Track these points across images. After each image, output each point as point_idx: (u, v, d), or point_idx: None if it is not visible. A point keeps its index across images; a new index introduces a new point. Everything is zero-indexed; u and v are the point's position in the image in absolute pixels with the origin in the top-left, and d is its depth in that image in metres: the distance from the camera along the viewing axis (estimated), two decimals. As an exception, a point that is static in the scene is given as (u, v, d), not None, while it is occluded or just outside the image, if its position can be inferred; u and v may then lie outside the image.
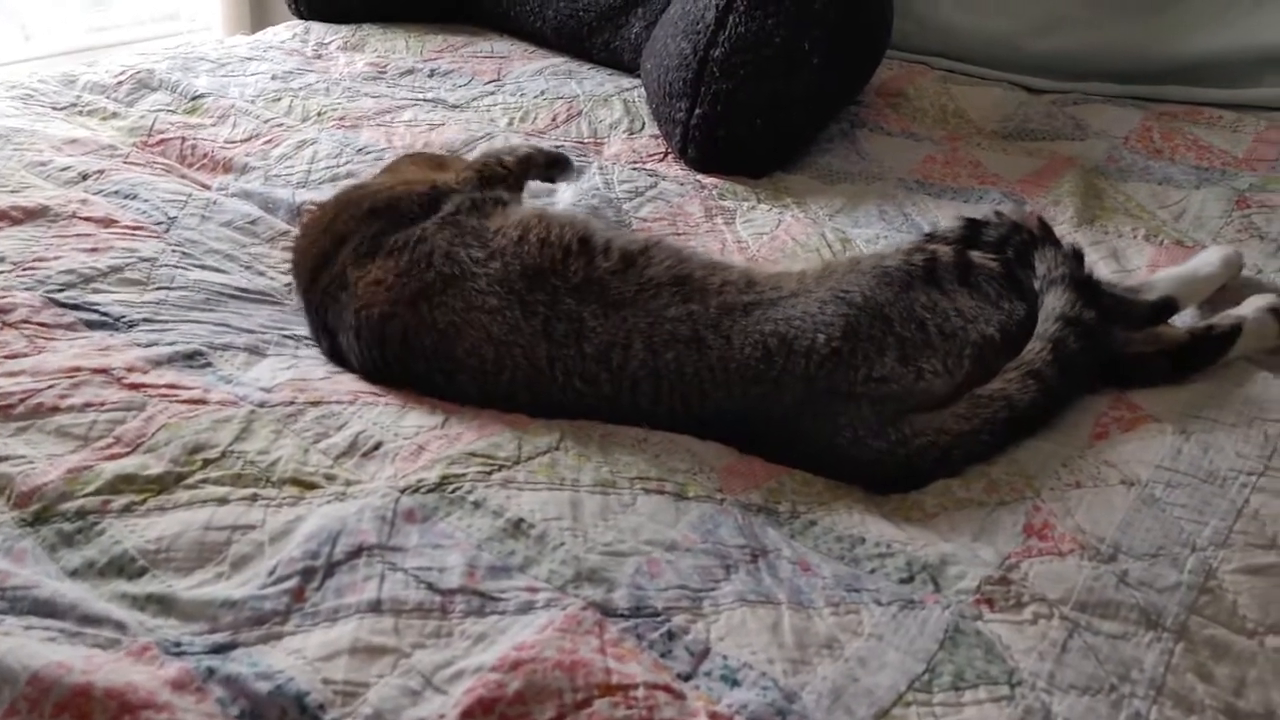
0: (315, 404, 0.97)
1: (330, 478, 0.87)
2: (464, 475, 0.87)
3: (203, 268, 1.25)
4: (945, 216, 1.39)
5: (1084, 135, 1.66)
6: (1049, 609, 0.77)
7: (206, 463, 0.88)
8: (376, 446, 0.92)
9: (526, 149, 1.40)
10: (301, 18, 2.29)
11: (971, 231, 1.12)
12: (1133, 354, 1.04)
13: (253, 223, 1.37)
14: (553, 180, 1.45)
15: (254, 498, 0.84)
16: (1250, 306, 1.09)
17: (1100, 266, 1.25)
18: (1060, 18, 1.89)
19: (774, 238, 1.37)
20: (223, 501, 0.84)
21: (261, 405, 0.97)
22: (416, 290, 1.04)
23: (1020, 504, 0.89)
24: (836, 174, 1.56)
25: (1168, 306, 1.09)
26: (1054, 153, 1.58)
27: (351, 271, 1.08)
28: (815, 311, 0.98)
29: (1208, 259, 1.17)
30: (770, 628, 0.75)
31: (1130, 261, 1.26)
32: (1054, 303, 1.00)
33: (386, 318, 1.03)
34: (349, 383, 1.04)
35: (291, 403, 0.97)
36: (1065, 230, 1.34)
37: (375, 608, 0.73)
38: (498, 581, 0.76)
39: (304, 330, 1.17)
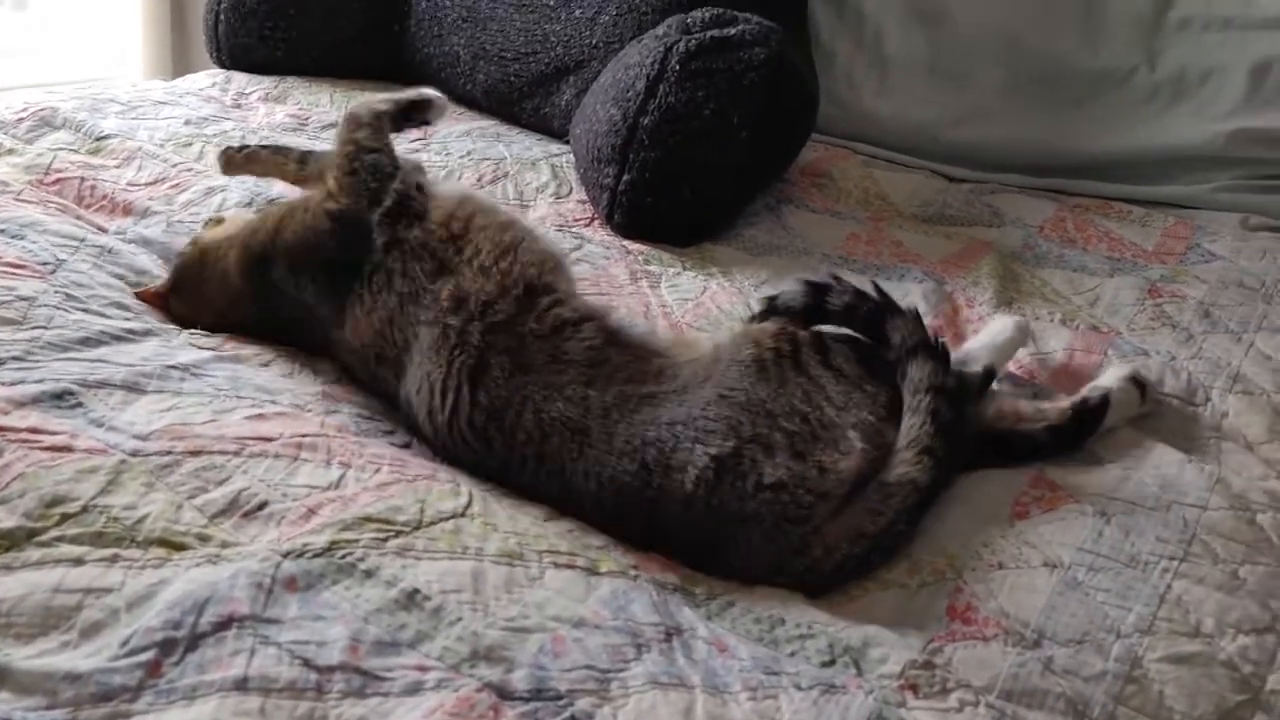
0: (195, 454, 0.89)
1: (204, 538, 0.79)
2: (357, 541, 0.79)
3: (86, 311, 1.16)
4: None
5: (1001, 223, 1.69)
6: (974, 696, 0.73)
7: (65, 518, 0.79)
8: (261, 506, 0.84)
9: (367, 118, 1.25)
10: (223, 67, 2.23)
11: (815, 298, 1.07)
12: (1023, 432, 1.04)
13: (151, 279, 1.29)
14: (428, 123, 1.38)
15: (114, 558, 0.76)
16: (1112, 378, 1.10)
17: (1020, 351, 1.25)
18: (976, 112, 1.94)
19: (699, 304, 1.34)
20: (78, 562, 0.75)
21: (134, 454, 0.88)
22: (385, 318, 1.08)
23: (942, 585, 0.86)
24: (762, 246, 1.55)
25: (990, 374, 1.10)
26: (972, 237, 1.61)
27: (336, 333, 1.13)
28: (698, 415, 0.93)
29: (1003, 327, 1.19)
30: (682, 713, 0.69)
31: (1048, 343, 1.26)
32: (918, 373, 0.98)
33: (365, 344, 1.10)
34: (236, 427, 0.96)
35: (168, 452, 0.89)
36: (985, 310, 1.34)
37: (241, 686, 0.65)
38: (384, 658, 0.69)
39: (188, 358, 1.08)
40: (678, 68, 1.50)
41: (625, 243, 1.52)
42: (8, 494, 0.80)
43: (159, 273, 1.31)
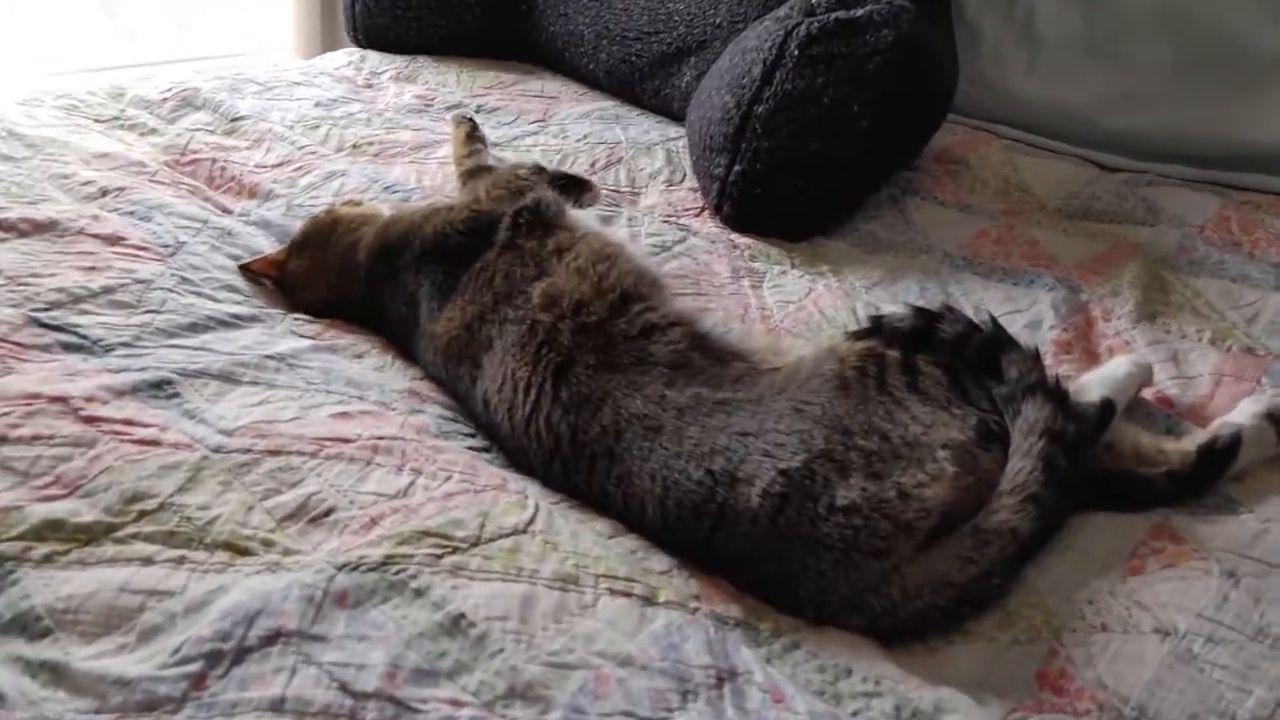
0: (273, 453, 0.91)
1: (268, 544, 0.80)
2: (412, 556, 0.79)
3: (199, 294, 1.20)
4: (991, 300, 1.28)
5: (1155, 220, 1.53)
6: (1054, 783, 0.66)
7: (142, 515, 0.82)
8: (328, 512, 0.84)
9: (531, 162, 1.39)
10: (360, 46, 2.28)
11: (924, 324, 1.00)
12: (1141, 476, 0.93)
13: (264, 258, 1.32)
14: (579, 204, 1.37)
15: (181, 560, 0.78)
16: (1245, 414, 0.97)
17: (1159, 371, 1.13)
18: (1139, 94, 1.77)
19: (801, 307, 1.28)
20: (147, 561, 0.77)
21: (217, 450, 0.90)
22: (476, 313, 1.08)
23: (1035, 645, 0.78)
24: (879, 243, 1.46)
25: (1109, 407, 0.97)
26: (1119, 237, 1.46)
27: (429, 327, 1.13)
28: (770, 427, 0.88)
29: (1119, 361, 1.08)
30: (722, 773, 0.65)
31: (1192, 367, 1.13)
32: (1035, 414, 0.89)
33: (451, 338, 1.09)
34: (318, 425, 0.97)
35: (248, 450, 0.91)
36: (1123, 325, 1.22)
37: (277, 707, 0.66)
38: (420, 688, 0.68)
39: (286, 347, 1.11)
40: (797, 53, 1.42)
41: (733, 236, 1.46)
42: (94, 486, 0.84)
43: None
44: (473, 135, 1.56)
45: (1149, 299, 1.27)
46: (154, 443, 0.90)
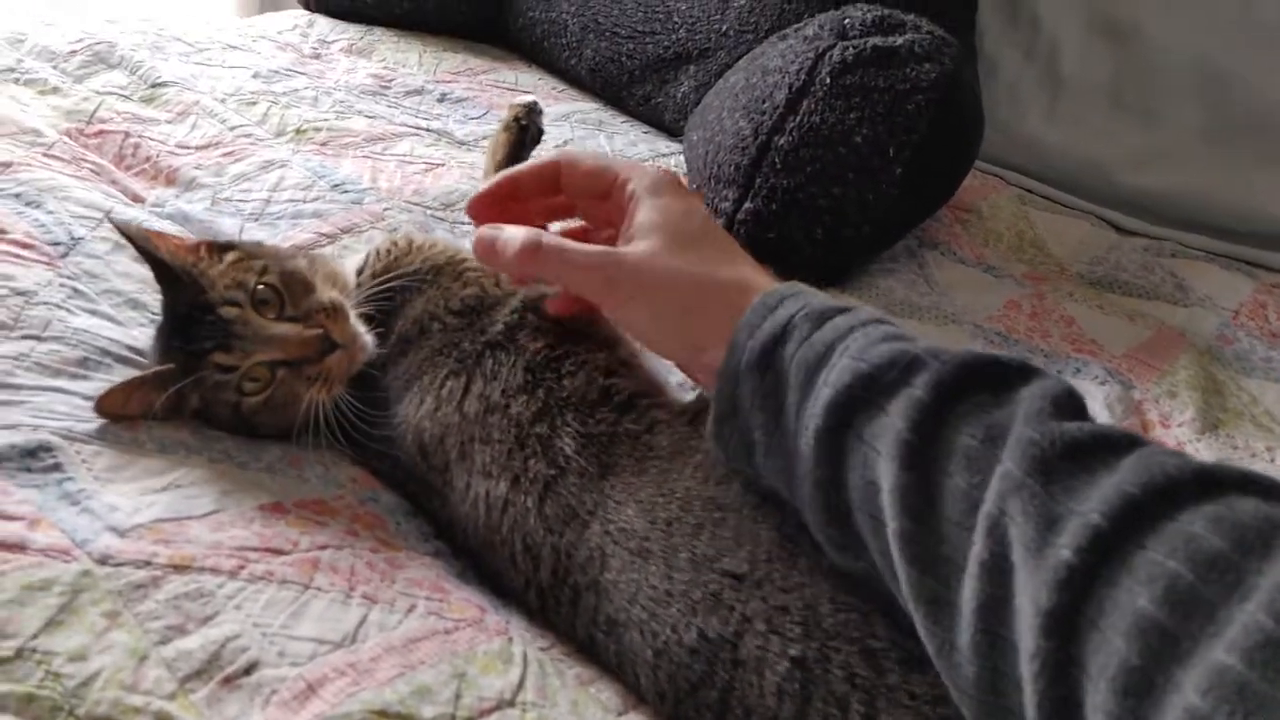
0: (180, 569, 0.68)
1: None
2: (364, 749, 0.58)
3: (94, 313, 0.96)
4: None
5: (1186, 299, 1.40)
6: None
7: (-10, 665, 0.59)
8: (249, 669, 0.63)
9: None
10: (309, 9, 2.02)
11: None
12: None
13: (178, 264, 1.08)
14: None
15: (39, 746, 0.56)
16: None
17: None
18: (1165, 154, 1.65)
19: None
20: (-11, 746, 0.55)
21: (103, 561, 0.67)
22: (436, 433, 0.82)
23: None
24: (900, 305, 1.29)
25: None
26: (1160, 321, 1.33)
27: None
28: (763, 567, 0.64)
29: None
30: None
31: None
32: None
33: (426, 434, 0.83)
34: (241, 527, 0.74)
35: (147, 563, 0.68)
36: (1185, 435, 1.07)
37: None
38: None
39: None
40: (828, 80, 1.24)
41: (739, 282, 1.27)
42: (-76, 617, 0.61)
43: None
44: (520, 147, 1.21)
45: (1209, 404, 1.12)
46: (18, 547, 0.67)
